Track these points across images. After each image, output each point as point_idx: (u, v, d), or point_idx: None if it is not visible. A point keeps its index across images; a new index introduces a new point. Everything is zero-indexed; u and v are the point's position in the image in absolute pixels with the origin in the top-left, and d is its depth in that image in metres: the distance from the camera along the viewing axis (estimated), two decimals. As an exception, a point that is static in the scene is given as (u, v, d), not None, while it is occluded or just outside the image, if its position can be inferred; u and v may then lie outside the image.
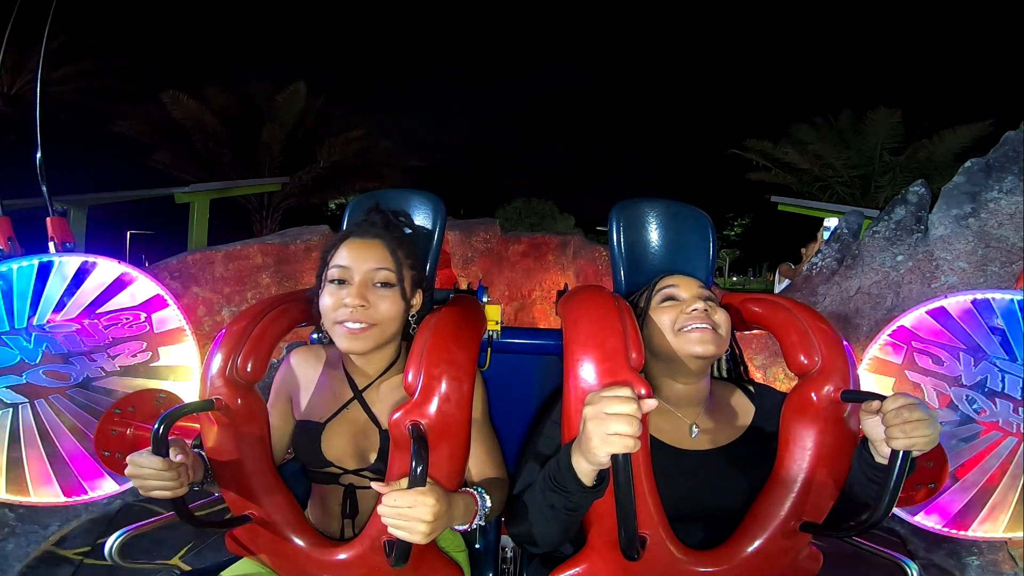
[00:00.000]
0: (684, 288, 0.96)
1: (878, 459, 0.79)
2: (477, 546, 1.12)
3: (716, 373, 1.14)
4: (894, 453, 0.72)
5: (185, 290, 2.39)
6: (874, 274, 2.17)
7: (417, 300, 0.99)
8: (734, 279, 38.53)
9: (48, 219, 1.55)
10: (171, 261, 2.40)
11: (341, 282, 0.91)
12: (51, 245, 1.52)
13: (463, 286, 3.33)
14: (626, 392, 0.68)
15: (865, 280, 2.18)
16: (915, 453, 0.71)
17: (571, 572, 0.86)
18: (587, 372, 0.80)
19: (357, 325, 0.88)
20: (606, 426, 0.66)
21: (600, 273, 3.51)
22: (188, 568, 1.08)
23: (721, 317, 0.91)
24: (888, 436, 0.72)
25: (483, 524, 0.88)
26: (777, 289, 3.96)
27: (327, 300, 0.90)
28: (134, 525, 0.98)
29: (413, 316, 0.99)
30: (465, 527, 0.85)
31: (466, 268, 3.51)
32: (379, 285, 0.91)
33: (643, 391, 0.74)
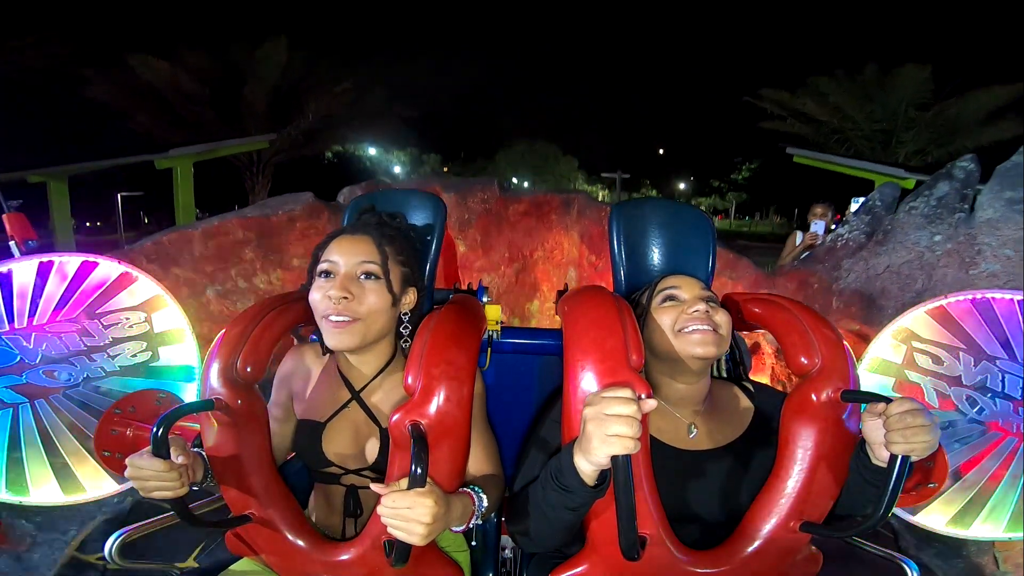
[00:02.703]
0: (685, 289, 0.96)
1: (875, 461, 0.79)
2: (474, 543, 1.12)
3: (716, 373, 1.14)
4: (893, 457, 0.72)
5: (165, 272, 2.25)
6: (906, 253, 1.97)
7: (409, 299, 0.98)
8: (739, 221, 38.58)
9: (4, 216, 1.45)
10: (145, 243, 2.24)
11: (328, 275, 0.91)
12: (12, 245, 1.41)
13: (463, 283, 3.31)
14: (626, 393, 0.68)
15: (895, 258, 2.00)
16: (913, 458, 0.72)
17: (571, 572, 0.86)
18: (587, 372, 0.80)
19: (342, 319, 0.88)
20: (606, 427, 0.66)
21: (607, 234, 3.39)
22: (188, 567, 1.08)
23: (722, 318, 0.91)
24: (888, 440, 0.73)
25: (480, 523, 0.88)
26: (798, 245, 3.49)
27: (315, 295, 0.90)
28: (133, 526, 0.98)
29: (405, 315, 0.99)
30: (462, 528, 0.85)
31: (463, 231, 3.33)
32: (363, 277, 0.91)
33: (643, 392, 0.74)
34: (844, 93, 12.25)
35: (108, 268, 1.39)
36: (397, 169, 29.97)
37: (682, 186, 42.08)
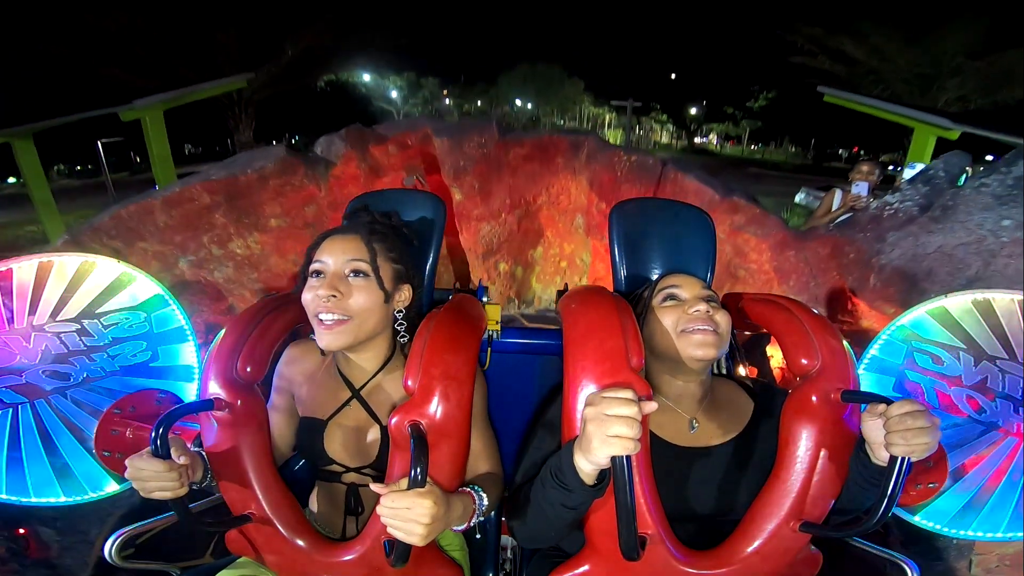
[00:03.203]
0: (686, 288, 0.96)
1: (875, 460, 0.79)
2: (478, 536, 1.12)
3: (716, 370, 1.14)
4: (892, 458, 0.72)
5: (131, 248, 2.04)
6: (965, 234, 1.68)
7: (404, 296, 0.98)
8: (752, 148, 37.74)
9: None
10: (103, 219, 1.98)
11: (318, 275, 0.91)
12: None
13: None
14: (627, 394, 0.68)
15: (951, 239, 1.70)
16: (913, 459, 0.72)
17: (571, 573, 0.86)
18: (587, 372, 0.80)
19: (331, 317, 0.88)
20: (606, 428, 0.66)
21: (619, 181, 2.82)
22: (188, 566, 1.08)
23: (722, 317, 0.91)
24: (888, 441, 0.73)
25: (480, 521, 0.89)
26: (834, 205, 3.04)
27: (306, 295, 0.91)
28: (133, 526, 0.99)
29: (400, 312, 0.99)
30: (463, 527, 0.85)
31: (459, 178, 2.97)
32: (352, 275, 0.91)
33: (643, 394, 0.75)
34: (887, 35, 11.32)
35: (108, 268, 1.39)
36: (394, 94, 28.46)
37: (694, 111, 39.93)
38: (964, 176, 1.96)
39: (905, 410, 0.72)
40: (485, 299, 1.22)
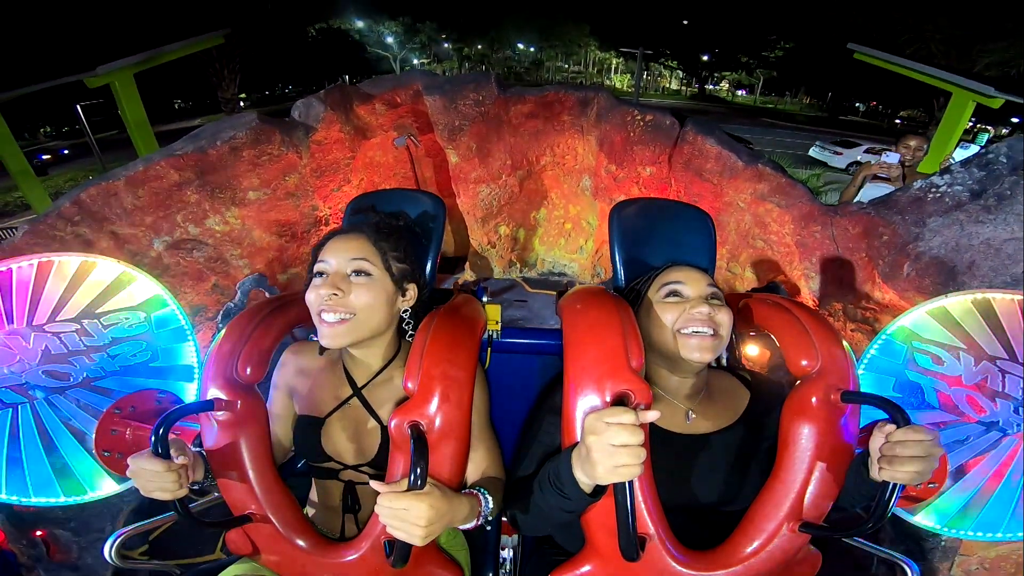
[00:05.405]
0: (691, 285, 0.93)
1: (872, 473, 0.78)
2: (489, 528, 1.12)
3: (714, 363, 1.14)
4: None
5: (99, 233, 1.89)
6: (1020, 228, 1.53)
7: (410, 295, 0.99)
8: (764, 97, 37.45)
9: None
10: (63, 205, 1.81)
11: (322, 275, 0.91)
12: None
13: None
14: (629, 417, 0.67)
15: (1002, 232, 1.54)
16: (902, 483, 0.72)
17: (571, 573, 0.86)
18: (587, 373, 0.80)
19: (333, 316, 0.88)
20: (613, 459, 0.66)
21: (631, 142, 2.57)
22: (187, 565, 1.08)
23: (724, 316, 0.89)
24: (879, 462, 0.73)
25: (486, 522, 0.89)
26: (860, 189, 2.79)
27: (309, 295, 0.91)
28: (133, 526, 0.99)
29: (406, 312, 0.99)
30: (470, 526, 0.86)
31: (454, 139, 2.75)
32: (354, 274, 0.90)
33: (644, 400, 0.75)
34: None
35: (108, 268, 1.39)
36: (390, 40, 27.66)
37: (706, 58, 38.20)
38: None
39: (900, 437, 0.72)
40: (485, 299, 1.22)
